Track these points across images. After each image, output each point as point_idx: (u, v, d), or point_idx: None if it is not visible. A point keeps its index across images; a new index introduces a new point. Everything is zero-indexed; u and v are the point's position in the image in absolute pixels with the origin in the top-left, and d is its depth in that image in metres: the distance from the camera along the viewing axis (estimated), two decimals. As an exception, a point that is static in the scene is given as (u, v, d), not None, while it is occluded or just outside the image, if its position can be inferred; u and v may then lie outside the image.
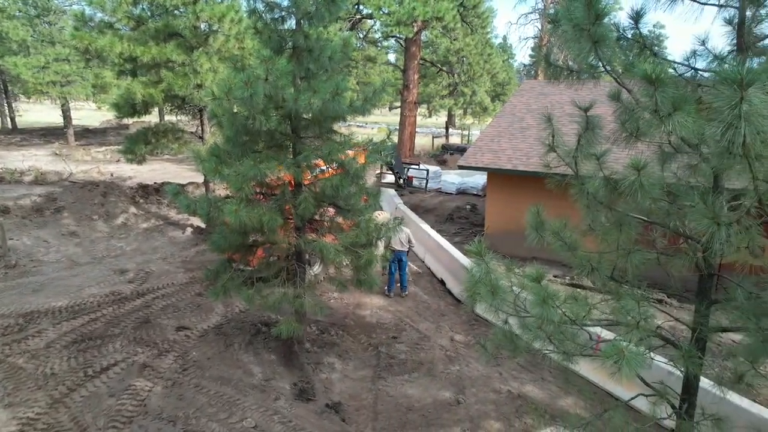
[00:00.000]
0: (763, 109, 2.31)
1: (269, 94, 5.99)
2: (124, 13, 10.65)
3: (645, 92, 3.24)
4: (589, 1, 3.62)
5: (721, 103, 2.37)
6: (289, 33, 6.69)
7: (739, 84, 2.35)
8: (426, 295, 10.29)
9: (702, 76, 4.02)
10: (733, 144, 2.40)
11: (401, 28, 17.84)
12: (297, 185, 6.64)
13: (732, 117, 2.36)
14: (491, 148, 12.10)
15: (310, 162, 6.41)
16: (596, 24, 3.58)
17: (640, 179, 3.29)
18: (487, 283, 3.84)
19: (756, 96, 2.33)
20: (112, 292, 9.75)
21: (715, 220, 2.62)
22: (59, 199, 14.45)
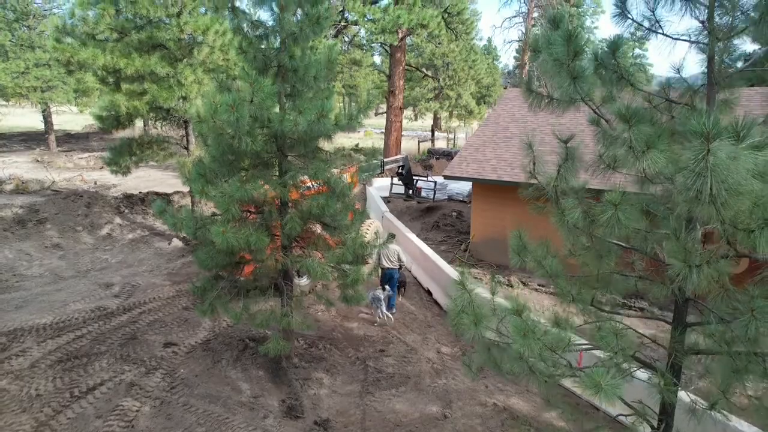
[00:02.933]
0: (728, 162, 2.43)
1: (255, 115, 6.04)
2: (107, 25, 10.56)
3: (621, 128, 3.37)
4: (568, 37, 3.74)
5: (689, 155, 2.48)
6: (274, 52, 6.73)
7: (706, 137, 2.47)
8: (413, 305, 10.38)
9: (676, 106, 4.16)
10: (701, 192, 2.52)
11: (386, 36, 17.92)
12: (283, 204, 6.67)
13: (699, 168, 2.48)
14: (476, 158, 12.24)
15: (297, 181, 6.46)
16: (575, 60, 3.70)
17: (617, 214, 3.42)
18: (470, 313, 3.91)
19: (721, 149, 2.45)
20: (97, 307, 9.68)
21: (687, 263, 2.74)
22: (42, 210, 14.26)
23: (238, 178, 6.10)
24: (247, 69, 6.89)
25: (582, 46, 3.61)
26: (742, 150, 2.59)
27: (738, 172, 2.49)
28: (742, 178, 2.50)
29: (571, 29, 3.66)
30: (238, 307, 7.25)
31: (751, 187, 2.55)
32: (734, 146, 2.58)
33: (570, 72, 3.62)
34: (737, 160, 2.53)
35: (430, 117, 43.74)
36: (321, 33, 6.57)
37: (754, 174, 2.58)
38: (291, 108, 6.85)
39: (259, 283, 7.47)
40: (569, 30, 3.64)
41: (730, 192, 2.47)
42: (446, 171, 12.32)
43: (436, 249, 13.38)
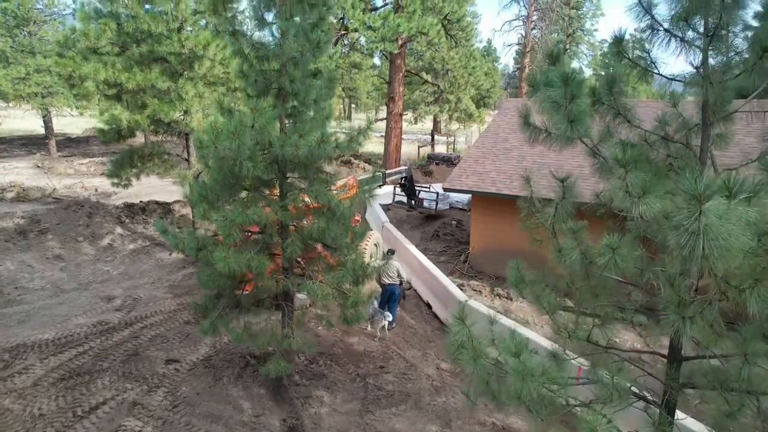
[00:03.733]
0: (720, 224, 2.49)
1: (256, 140, 6.10)
2: (109, 40, 10.62)
3: (618, 173, 3.43)
4: (566, 79, 3.80)
5: (681, 217, 2.54)
6: (274, 74, 6.79)
7: (698, 199, 2.53)
8: (413, 319, 10.45)
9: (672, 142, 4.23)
10: (694, 250, 2.58)
11: (386, 44, 17.97)
12: (284, 226, 6.74)
13: (692, 228, 2.54)
14: (475, 170, 12.30)
15: (298, 204, 6.52)
16: (572, 103, 3.76)
17: (615, 258, 3.48)
18: (469, 348, 3.98)
19: (713, 211, 2.51)
20: (99, 321, 9.74)
21: (680, 314, 2.80)
22: (43, 221, 14.33)
23: (239, 201, 6.16)
24: (249, 91, 6.99)
25: (580, 89, 3.66)
26: (734, 206, 2.66)
27: (730, 232, 2.55)
28: (734, 238, 2.56)
29: (569, 71, 3.71)
30: (239, 326, 7.33)
31: (742, 245, 2.61)
32: (726, 203, 2.65)
33: (568, 115, 3.68)
34: (729, 218, 2.59)
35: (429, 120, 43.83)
36: (321, 56, 6.63)
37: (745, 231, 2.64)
38: (292, 131, 6.91)
39: (261, 299, 7.55)
40: (567, 72, 3.69)
41: (721, 251, 2.53)
42: (446, 183, 12.38)
43: (435, 260, 13.46)
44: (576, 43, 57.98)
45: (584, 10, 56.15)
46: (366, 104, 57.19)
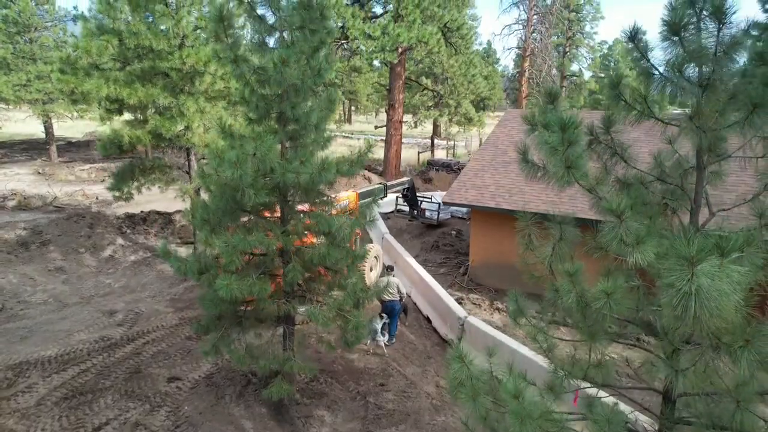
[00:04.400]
0: (711, 286, 2.57)
1: (257, 168, 6.18)
2: (110, 56, 10.69)
3: (613, 222, 3.50)
4: (563, 125, 3.87)
5: (673, 278, 2.62)
6: (275, 100, 6.86)
7: (690, 262, 2.61)
8: (412, 334, 10.52)
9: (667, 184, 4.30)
10: (686, 311, 2.66)
11: (386, 54, 18.04)
12: (286, 251, 6.81)
13: (684, 289, 2.62)
14: (475, 183, 12.38)
15: (299, 229, 6.59)
16: (569, 149, 3.83)
17: (609, 302, 3.56)
18: (468, 386, 4.05)
19: (704, 275, 2.58)
20: (101, 337, 9.81)
21: (673, 367, 2.88)
22: (45, 232, 14.40)
23: (241, 226, 6.24)
24: (250, 115, 7.07)
25: (576, 137, 3.74)
26: (726, 265, 2.74)
27: (721, 293, 2.63)
28: (725, 298, 2.64)
29: (566, 117, 3.78)
30: (241, 347, 7.42)
31: (733, 304, 2.68)
32: (718, 263, 2.72)
33: (565, 161, 3.75)
34: (721, 278, 2.67)
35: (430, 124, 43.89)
36: (321, 82, 6.70)
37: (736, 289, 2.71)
38: (293, 156, 6.99)
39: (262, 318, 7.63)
40: (564, 118, 3.76)
41: (712, 311, 2.61)
42: (446, 197, 12.46)
43: (435, 272, 13.54)
44: (576, 46, 58.06)
45: (584, 13, 56.26)
46: (366, 107, 57.24)
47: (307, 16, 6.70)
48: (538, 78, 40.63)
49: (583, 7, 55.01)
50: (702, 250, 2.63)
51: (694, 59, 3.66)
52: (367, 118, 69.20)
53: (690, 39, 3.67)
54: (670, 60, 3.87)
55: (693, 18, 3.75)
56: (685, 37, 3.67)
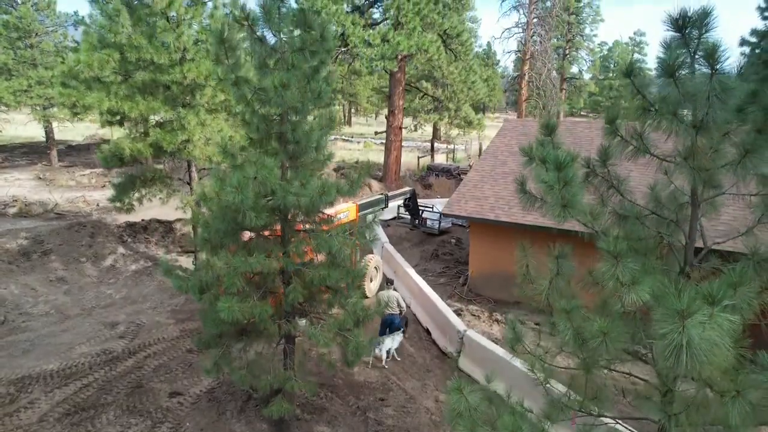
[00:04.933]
0: (702, 340, 2.63)
1: (258, 190, 6.24)
2: (112, 69, 10.75)
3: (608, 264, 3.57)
4: (559, 165, 3.94)
5: (665, 330, 2.69)
6: (276, 121, 6.93)
7: (681, 315, 2.67)
8: (412, 347, 10.58)
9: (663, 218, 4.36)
10: (678, 362, 2.72)
11: (386, 62, 18.10)
12: (286, 272, 6.87)
13: (675, 341, 2.68)
14: (474, 195, 12.44)
15: (300, 250, 6.66)
16: (565, 188, 3.90)
17: (605, 341, 3.62)
18: (466, 417, 4.11)
19: (694, 327, 2.65)
20: (103, 350, 9.88)
21: (666, 412, 2.95)
22: (46, 241, 14.46)
23: (242, 247, 6.30)
24: (251, 136, 7.14)
25: (572, 177, 3.80)
26: (717, 314, 2.81)
27: (712, 344, 2.69)
28: (715, 348, 2.70)
29: (563, 158, 3.85)
30: (242, 364, 7.48)
31: (723, 355, 2.75)
32: (708, 313, 2.79)
33: (561, 199, 3.81)
34: (712, 327, 2.74)
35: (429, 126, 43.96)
36: (321, 104, 6.77)
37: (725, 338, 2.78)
38: (293, 176, 7.06)
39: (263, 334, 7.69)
40: (560, 159, 3.83)
41: (703, 363, 2.67)
42: (445, 208, 12.52)
43: (434, 282, 13.61)
44: (576, 49, 58.13)
45: (583, 15, 56.34)
46: (366, 109, 57.30)
47: (307, 38, 6.77)
48: (538, 81, 40.65)
49: (582, 10, 55.09)
50: (693, 300, 2.70)
51: (689, 100, 3.72)
52: (366, 120, 69.28)
53: (684, 79, 3.73)
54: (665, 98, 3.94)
55: (687, 58, 3.82)
56: (679, 78, 3.73)
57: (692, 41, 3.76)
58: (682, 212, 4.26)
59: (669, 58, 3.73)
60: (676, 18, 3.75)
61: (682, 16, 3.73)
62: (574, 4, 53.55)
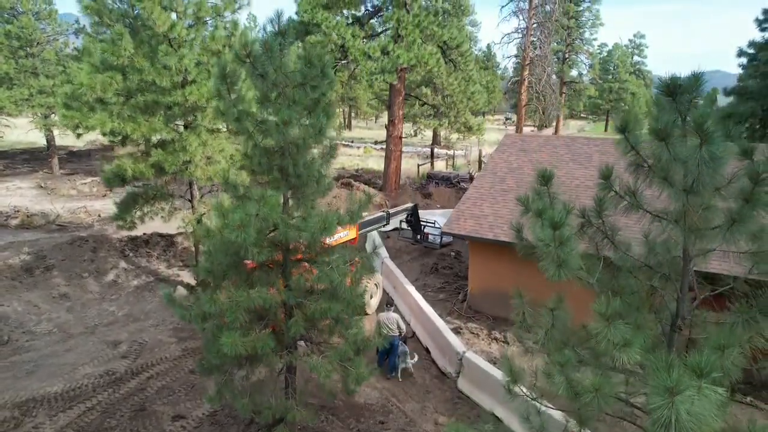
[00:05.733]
0: (690, 416, 2.75)
1: (260, 227, 6.35)
2: (115, 91, 10.86)
3: (600, 325, 3.68)
4: (554, 224, 4.05)
5: (654, 405, 2.80)
6: (277, 155, 7.03)
7: (670, 392, 2.79)
8: (412, 366, 10.68)
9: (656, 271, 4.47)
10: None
11: (386, 75, 18.19)
12: (288, 306, 6.98)
13: (665, 417, 2.80)
14: (473, 213, 12.55)
15: (301, 284, 6.77)
16: (560, 247, 4.00)
17: (597, 397, 3.74)
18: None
19: (683, 403, 2.77)
20: (106, 371, 9.99)
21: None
22: (49, 256, 14.57)
23: (244, 288, 6.40)
24: (254, 169, 7.24)
25: (567, 238, 3.91)
26: (704, 387, 2.92)
27: (700, 418, 2.81)
28: (704, 423, 2.82)
29: (558, 217, 3.95)
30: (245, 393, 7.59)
31: (710, 426, 2.86)
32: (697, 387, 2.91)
33: (557, 259, 3.92)
34: (700, 401, 2.85)
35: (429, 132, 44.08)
36: (321, 141, 6.88)
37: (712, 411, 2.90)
38: (294, 207, 7.18)
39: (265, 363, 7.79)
40: (556, 219, 3.94)
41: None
42: (445, 227, 12.64)
43: (434, 297, 13.72)
44: (575, 53, 58.25)
45: (583, 20, 56.44)
46: (366, 113, 57.38)
47: (308, 73, 6.88)
48: (538, 86, 40.75)
49: (582, 14, 55.18)
50: (682, 377, 2.82)
51: (680, 164, 3.83)
52: (367, 123, 69.38)
53: (676, 143, 3.84)
54: (658, 158, 4.05)
55: (678, 120, 3.93)
56: (670, 142, 3.84)
57: (683, 104, 3.89)
58: (674, 265, 4.38)
59: (660, 123, 3.85)
60: (667, 83, 3.88)
61: (673, 83, 3.84)
62: (574, 8, 53.67)
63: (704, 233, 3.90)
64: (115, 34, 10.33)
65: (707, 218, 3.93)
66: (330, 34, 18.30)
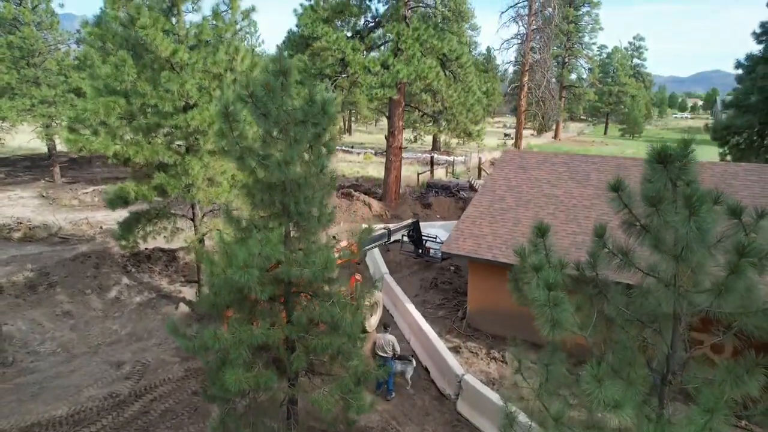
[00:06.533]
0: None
1: (263, 265, 6.49)
2: (118, 115, 10.99)
3: (592, 387, 3.82)
4: (548, 285, 4.18)
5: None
6: (278, 192, 7.16)
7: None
8: (412, 387, 10.82)
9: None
10: None
11: (386, 90, 18.32)
12: (291, 341, 7.12)
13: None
14: (472, 232, 12.68)
15: (303, 320, 6.90)
16: (554, 308, 4.14)
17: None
18: None
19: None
20: (110, 393, 10.13)
21: None
22: (52, 273, 14.71)
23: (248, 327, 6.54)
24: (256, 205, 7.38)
25: (562, 299, 4.04)
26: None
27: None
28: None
29: (553, 279, 4.09)
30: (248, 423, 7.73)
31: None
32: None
33: (551, 320, 4.06)
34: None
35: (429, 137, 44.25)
36: (324, 181, 7.01)
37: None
38: (296, 242, 7.32)
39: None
40: (550, 281, 4.07)
41: None
42: (444, 246, 12.77)
43: (434, 314, 13.86)
44: (575, 57, 58.41)
45: (582, 24, 56.61)
46: (366, 117, 57.50)
47: (309, 111, 7.01)
48: (537, 93, 40.93)
49: (581, 18, 55.31)
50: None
51: (671, 228, 3.96)
52: (367, 127, 69.50)
53: (666, 210, 3.97)
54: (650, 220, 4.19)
55: (669, 187, 4.07)
56: (661, 209, 3.97)
57: (673, 171, 4.03)
58: (665, 320, 4.51)
59: (652, 190, 3.99)
60: (659, 152, 4.01)
61: (664, 151, 3.98)
62: (573, 13, 53.81)
63: (693, 296, 4.04)
64: (118, 60, 10.45)
65: (697, 281, 4.08)
66: (330, 47, 18.43)
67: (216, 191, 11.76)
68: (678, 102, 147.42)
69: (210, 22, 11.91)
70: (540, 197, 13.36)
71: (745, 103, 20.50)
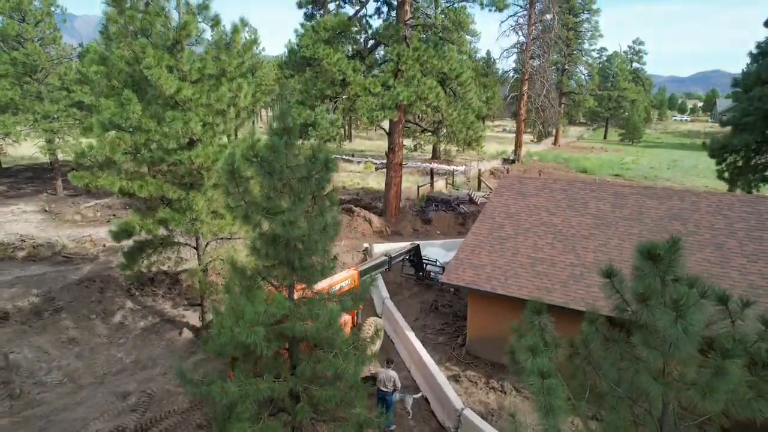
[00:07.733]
0: None
1: (269, 322, 6.70)
2: (123, 150, 11.18)
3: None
4: (542, 374, 4.38)
5: None
6: (282, 248, 7.36)
7: None
8: (412, 419, 11.03)
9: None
10: None
11: (386, 112, 18.52)
12: (295, 393, 7.32)
13: None
14: (472, 262, 12.88)
15: (307, 373, 7.11)
16: (548, 396, 4.34)
17: None
18: None
19: None
20: (116, 426, 10.33)
21: None
22: (57, 298, 14.92)
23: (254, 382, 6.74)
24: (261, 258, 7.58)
25: (556, 386, 4.24)
26: None
27: None
28: None
29: (546, 367, 4.29)
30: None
31: None
32: None
33: (546, 407, 4.26)
34: None
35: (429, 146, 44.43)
36: (328, 239, 7.21)
37: None
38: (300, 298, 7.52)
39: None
40: (544, 369, 4.27)
41: None
42: (443, 277, 12.97)
43: (434, 341, 14.06)
44: (574, 64, 58.59)
45: (582, 30, 56.76)
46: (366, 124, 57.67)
47: (312, 168, 7.22)
48: (537, 101, 41.13)
49: (581, 25, 55.46)
50: None
51: (658, 323, 4.16)
52: (367, 133, 69.69)
53: (655, 307, 4.17)
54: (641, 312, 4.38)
55: (658, 284, 4.27)
56: (651, 305, 4.17)
57: (662, 269, 4.22)
58: (655, 400, 4.71)
59: (642, 286, 4.19)
60: (648, 249, 4.21)
61: (654, 250, 4.18)
62: (573, 20, 53.98)
63: (681, 392, 4.24)
64: (124, 99, 10.64)
65: (684, 374, 4.28)
66: (332, 69, 18.61)
67: (220, 224, 11.96)
68: (678, 103, 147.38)
69: (213, 56, 12.09)
70: (539, 225, 13.56)
71: (742, 122, 20.70)
